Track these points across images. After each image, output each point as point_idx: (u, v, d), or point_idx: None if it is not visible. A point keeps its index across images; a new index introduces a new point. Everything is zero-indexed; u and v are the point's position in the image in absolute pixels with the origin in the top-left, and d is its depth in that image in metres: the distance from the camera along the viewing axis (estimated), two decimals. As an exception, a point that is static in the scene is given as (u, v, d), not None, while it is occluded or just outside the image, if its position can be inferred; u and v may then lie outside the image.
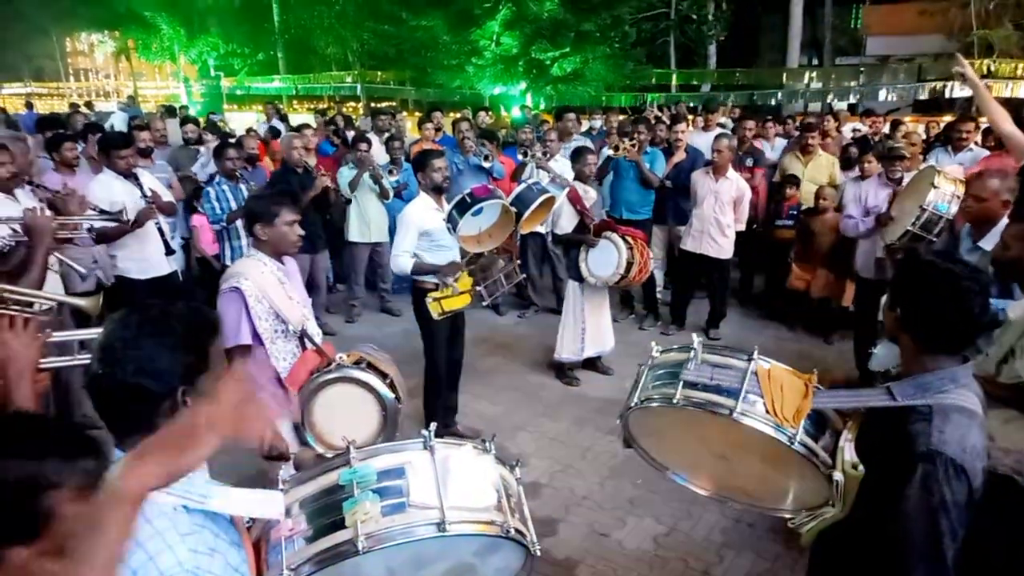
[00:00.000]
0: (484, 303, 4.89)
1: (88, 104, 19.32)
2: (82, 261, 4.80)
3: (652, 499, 3.98)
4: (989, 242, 3.36)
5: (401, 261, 4.21)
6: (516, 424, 4.91)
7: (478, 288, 4.37)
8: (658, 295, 6.77)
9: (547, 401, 5.28)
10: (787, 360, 1.99)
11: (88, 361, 2.07)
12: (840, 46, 22.39)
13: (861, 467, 1.81)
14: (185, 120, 5.79)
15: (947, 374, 1.73)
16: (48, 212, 3.43)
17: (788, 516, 2.13)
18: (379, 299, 7.19)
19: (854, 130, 8.96)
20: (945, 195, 4.11)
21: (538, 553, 1.72)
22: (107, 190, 4.66)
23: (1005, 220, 3.36)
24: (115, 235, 4.67)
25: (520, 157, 6.55)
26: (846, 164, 6.76)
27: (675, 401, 1.92)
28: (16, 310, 2.63)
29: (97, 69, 42.30)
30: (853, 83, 16.25)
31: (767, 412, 1.82)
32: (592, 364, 5.61)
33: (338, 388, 2.88)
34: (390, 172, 6.75)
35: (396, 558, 1.63)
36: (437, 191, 4.31)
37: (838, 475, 1.83)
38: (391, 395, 2.87)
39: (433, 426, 1.72)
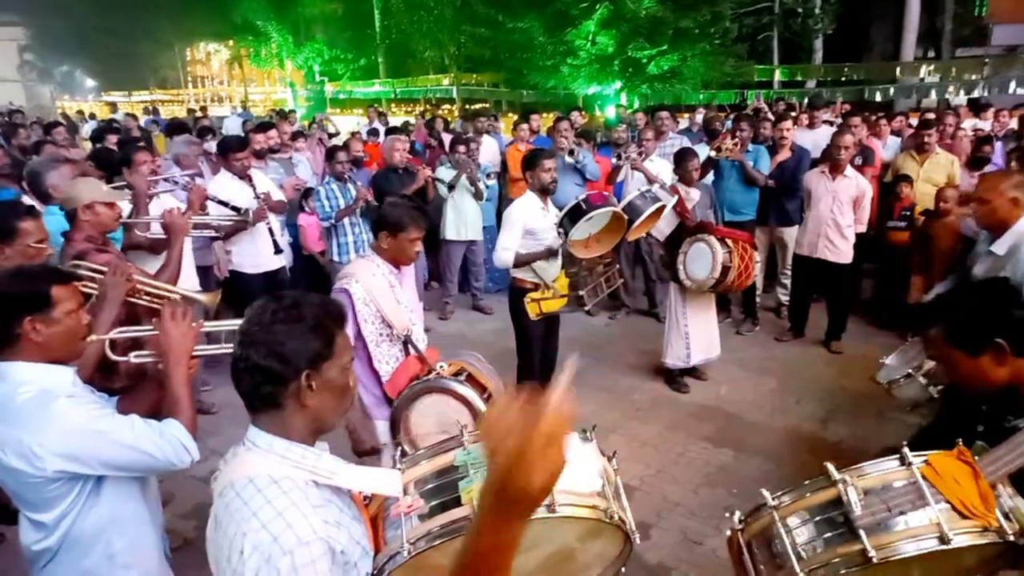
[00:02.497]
0: (585, 308, 4.85)
1: (203, 109, 20.66)
2: (205, 258, 5.23)
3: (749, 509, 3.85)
4: (1002, 246, 3.20)
5: (505, 256, 4.26)
6: (607, 426, 4.87)
7: (579, 292, 4.36)
8: (757, 299, 6.54)
9: (639, 404, 5.21)
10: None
11: (231, 349, 2.28)
12: (962, 36, 20.84)
13: None
14: (333, 150, 6.14)
15: None
16: (185, 212, 3.72)
17: None
18: (471, 297, 7.32)
19: (975, 128, 8.33)
20: None
21: (637, 540, 1.76)
22: (223, 190, 4.97)
23: (1022, 223, 3.19)
24: (231, 232, 4.98)
25: (614, 160, 6.49)
26: (977, 164, 6.28)
27: (874, 559, 1.48)
28: (147, 301, 2.87)
29: (213, 76, 45.15)
30: (976, 76, 15.11)
31: (963, 517, 1.51)
32: (688, 369, 5.48)
33: (435, 398, 2.89)
34: (488, 175, 6.87)
35: None
36: (544, 192, 4.33)
37: None
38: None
39: (593, 427, 1.77)
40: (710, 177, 6.23)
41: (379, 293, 3.01)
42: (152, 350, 2.09)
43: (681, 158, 5.38)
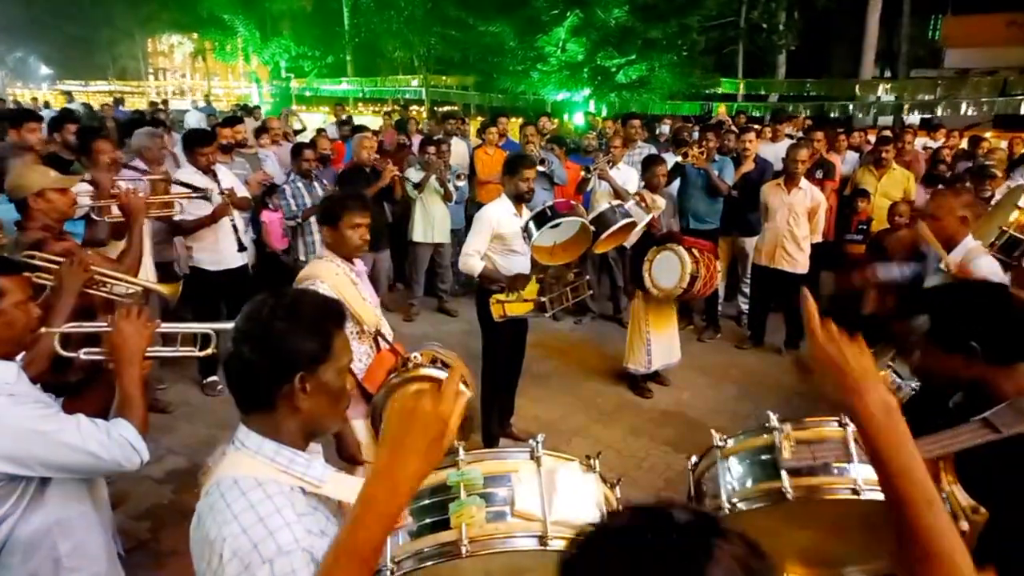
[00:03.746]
0: (547, 314, 4.88)
1: (164, 102, 20.19)
2: (165, 253, 5.10)
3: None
4: (952, 261, 3.32)
5: (471, 261, 4.24)
6: (571, 429, 4.90)
7: (543, 298, 4.37)
8: (719, 307, 6.65)
9: (602, 408, 5.25)
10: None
11: (187, 354, 2.23)
12: (917, 57, 21.56)
13: (982, 510, 1.67)
14: (300, 147, 6.04)
15: None
16: (141, 193, 3.61)
17: None
18: (437, 299, 7.29)
19: (925, 147, 8.62)
20: None
21: None
22: (188, 182, 4.85)
23: (969, 239, 3.33)
24: (192, 228, 4.88)
25: (583, 173, 6.56)
26: (932, 180, 6.50)
27: (789, 496, 1.67)
28: (106, 293, 2.79)
29: (175, 69, 44.21)
30: (929, 96, 15.63)
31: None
32: (651, 374, 5.54)
33: (415, 387, 2.86)
34: (458, 176, 6.85)
35: (493, 562, 1.64)
36: (518, 199, 4.33)
37: (964, 524, 1.66)
38: (468, 393, 2.88)
39: (541, 437, 1.72)
40: (675, 186, 6.33)
41: (344, 290, 3.00)
42: (104, 347, 2.03)
43: (649, 163, 5.47)
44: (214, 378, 5.33)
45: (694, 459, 1.97)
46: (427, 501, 1.63)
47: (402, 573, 1.53)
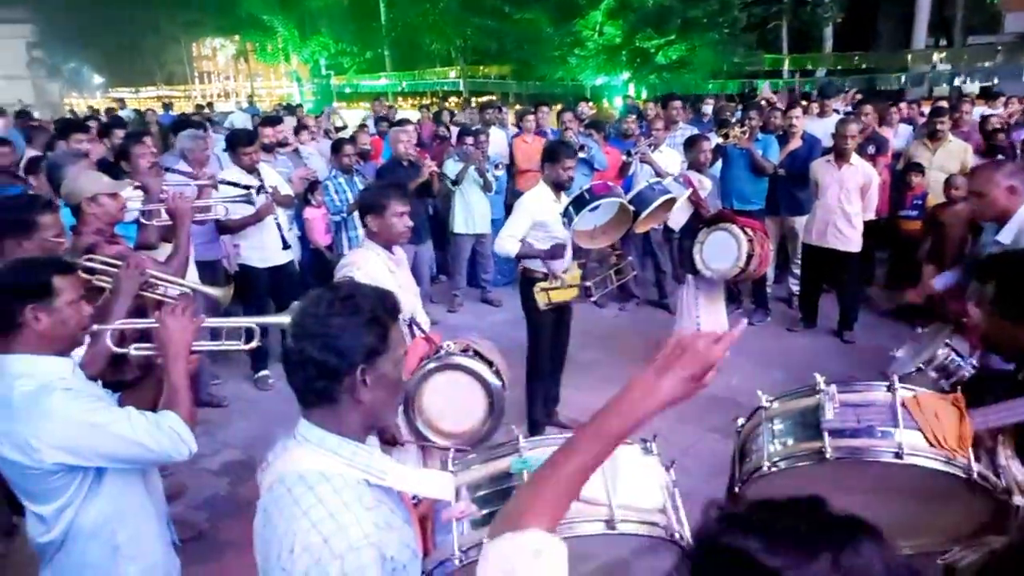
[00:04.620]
0: (592, 298, 4.86)
1: (209, 105, 20.69)
2: (212, 251, 5.22)
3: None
4: (1007, 235, 3.17)
5: (507, 244, 4.23)
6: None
7: (586, 283, 4.33)
8: (768, 289, 6.50)
9: (649, 395, 5.18)
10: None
11: (232, 347, 2.29)
12: (973, 25, 20.61)
13: None
14: (340, 143, 6.14)
15: None
16: (187, 196, 3.71)
17: (937, 552, 1.88)
18: (480, 290, 7.31)
19: (982, 116, 8.24)
20: None
21: None
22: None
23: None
24: (238, 226, 4.98)
25: (624, 157, 6.47)
26: (991, 151, 6.21)
27: (828, 456, 1.66)
28: (160, 295, 2.87)
29: (219, 71, 45.24)
30: (988, 64, 14.95)
31: (931, 445, 1.62)
32: (698, 359, 5.44)
33: (446, 375, 2.92)
34: (496, 167, 6.84)
35: None
36: (558, 187, 4.31)
37: (1019, 499, 1.62)
38: (498, 382, 2.90)
39: None
40: (718, 167, 6.19)
41: (381, 278, 3.04)
42: (153, 343, 2.10)
43: (692, 143, 5.37)
44: (266, 372, 5.45)
45: (741, 421, 1.99)
46: (491, 489, 1.64)
47: (470, 562, 1.54)
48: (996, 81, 13.99)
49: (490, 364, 2.96)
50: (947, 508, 1.77)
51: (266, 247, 5.24)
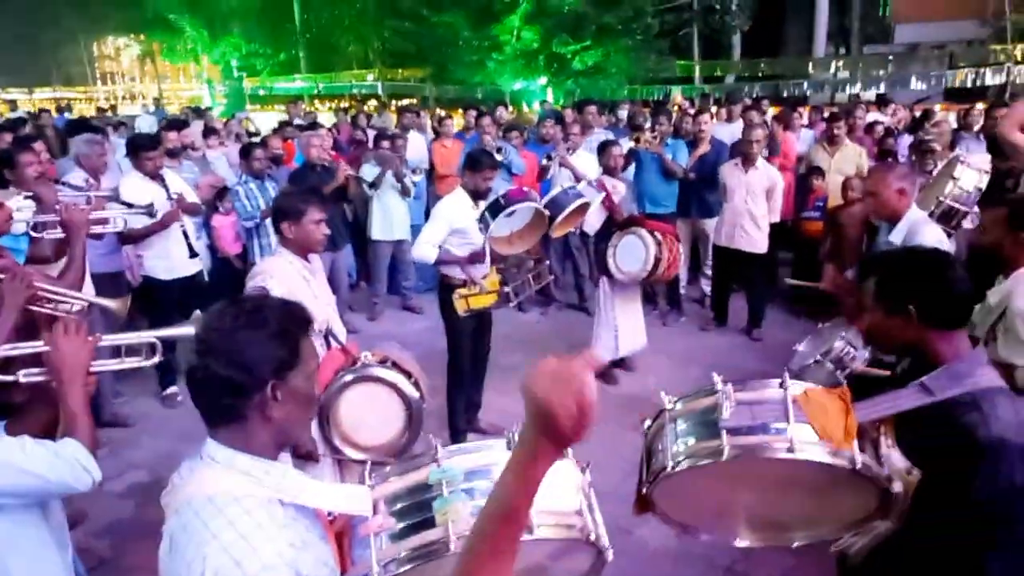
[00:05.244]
0: (512, 304, 4.89)
1: (113, 108, 19.65)
2: (114, 263, 4.95)
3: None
4: (898, 235, 3.39)
5: (425, 250, 4.21)
6: (513, 430, 4.89)
7: (505, 288, 4.36)
8: (681, 290, 6.71)
9: (570, 397, 5.25)
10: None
11: (134, 364, 2.16)
12: (868, 34, 21.97)
13: (916, 471, 1.72)
14: (250, 148, 5.91)
15: (974, 358, 1.77)
16: (83, 207, 3.50)
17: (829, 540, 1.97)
18: (401, 297, 7.23)
19: (870, 122, 8.79)
20: (966, 186, 4.04)
21: (610, 558, 1.70)
22: (134, 190, 4.71)
23: (913, 211, 3.41)
24: (141, 236, 4.75)
25: (544, 160, 6.55)
26: (883, 156, 6.62)
27: (726, 455, 1.72)
28: (51, 309, 2.70)
29: (123, 73, 43.05)
30: (882, 72, 15.95)
31: (819, 439, 1.70)
32: (616, 361, 5.57)
33: (363, 387, 2.86)
34: (414, 171, 6.78)
35: None
36: (476, 195, 4.31)
37: (897, 486, 1.72)
38: (416, 394, 2.86)
39: (517, 426, 1.71)
40: (631, 171, 6.36)
41: (296, 287, 2.98)
42: (44, 367, 1.94)
43: (603, 148, 5.49)
44: (174, 389, 5.21)
45: (648, 422, 2.03)
46: (408, 501, 1.61)
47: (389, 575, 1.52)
48: (884, 89, 14.93)
49: (408, 375, 2.91)
50: (838, 498, 1.86)
51: (172, 257, 5.02)
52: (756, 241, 5.98)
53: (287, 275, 3.03)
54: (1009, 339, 2.74)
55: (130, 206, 4.17)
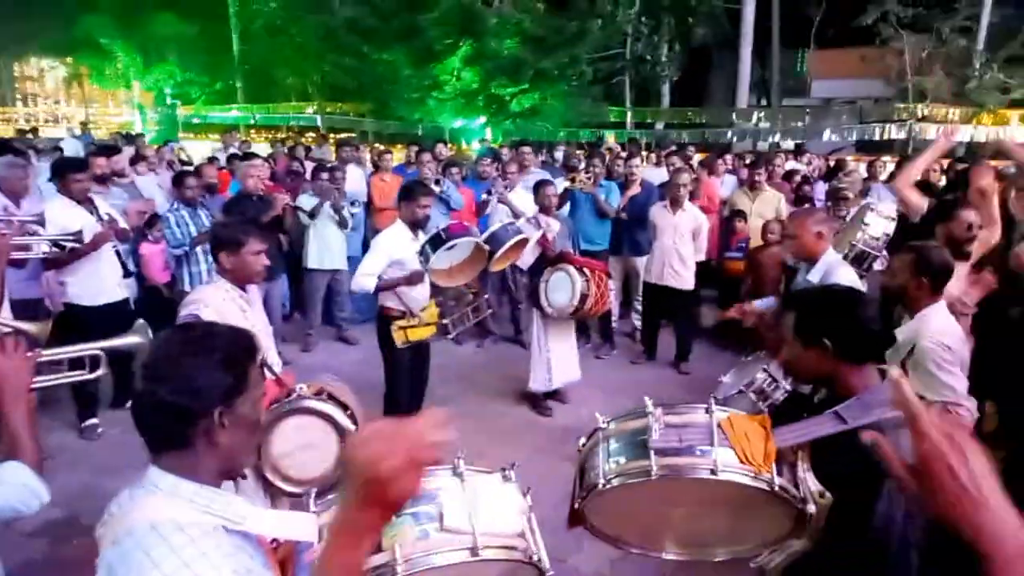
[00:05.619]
0: (449, 336, 4.95)
1: (34, 131, 18.85)
2: (32, 289, 4.76)
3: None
4: (816, 275, 3.63)
5: (365, 281, 4.24)
6: (475, 451, 4.85)
7: (444, 320, 4.41)
8: (614, 324, 6.90)
9: (505, 429, 5.31)
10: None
11: (78, 378, 2.09)
12: (787, 88, 23.37)
13: (828, 495, 1.83)
14: (182, 175, 5.82)
15: (883, 389, 1.89)
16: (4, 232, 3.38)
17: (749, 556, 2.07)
18: (336, 328, 7.16)
19: (788, 170, 9.35)
20: (877, 231, 4.38)
21: None
22: (59, 214, 4.57)
23: (829, 253, 3.67)
24: (67, 261, 4.59)
25: (484, 195, 6.69)
26: (799, 201, 7.04)
27: (653, 474, 1.81)
28: (-35, 335, 2.59)
29: (47, 94, 41.36)
30: (799, 123, 16.98)
31: (741, 463, 1.80)
32: (551, 392, 5.67)
33: (297, 419, 2.83)
34: (352, 203, 6.80)
35: None
36: (414, 225, 4.36)
37: (811, 507, 1.82)
38: (351, 426, 2.85)
39: (463, 453, 1.75)
40: (566, 209, 6.57)
41: (231, 318, 2.93)
42: None
43: (538, 187, 5.65)
44: (94, 421, 5.00)
45: (582, 440, 2.10)
46: None
47: None
48: (801, 139, 15.89)
49: (345, 408, 2.90)
50: (757, 517, 1.98)
51: (101, 280, 4.85)
52: (684, 279, 6.26)
53: (222, 304, 2.99)
54: (919, 373, 2.94)
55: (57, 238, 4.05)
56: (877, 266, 4.52)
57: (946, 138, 4.55)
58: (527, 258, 5.36)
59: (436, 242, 4.08)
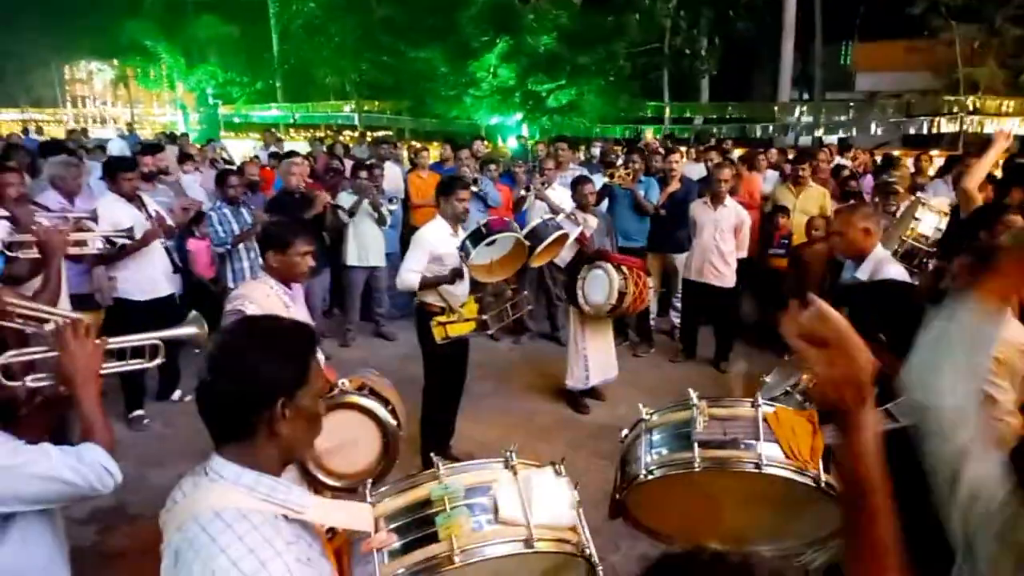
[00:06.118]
0: (489, 331, 4.93)
1: (84, 131, 19.41)
2: (84, 284, 4.90)
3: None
4: (864, 272, 3.53)
5: (409, 277, 4.25)
6: (511, 449, 4.92)
7: (483, 316, 4.40)
8: (651, 322, 6.83)
9: (541, 426, 5.29)
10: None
11: (140, 366, 2.15)
12: (830, 81, 22.85)
13: None
14: (225, 174, 5.95)
15: None
16: (62, 227, 3.49)
17: (793, 554, 2.05)
18: (374, 324, 7.23)
19: (835, 166, 9.12)
20: (928, 227, 4.24)
21: (601, 574, 1.75)
22: (110, 212, 4.69)
23: (878, 250, 3.56)
24: (118, 256, 4.71)
25: (522, 192, 6.69)
26: (845, 197, 6.87)
27: (696, 466, 1.82)
28: (20, 324, 2.68)
29: (95, 96, 42.58)
30: (843, 117, 16.58)
31: (787, 457, 1.79)
32: (588, 390, 5.63)
33: (340, 414, 2.83)
34: (390, 200, 6.85)
35: (482, 570, 1.67)
36: (455, 220, 4.37)
37: None
38: (393, 421, 2.86)
39: (515, 446, 1.76)
40: (604, 205, 6.51)
41: (275, 313, 2.96)
42: (53, 372, 1.92)
43: (576, 184, 5.61)
44: (140, 412, 5.14)
45: (624, 432, 2.12)
46: (410, 518, 1.65)
47: None
48: (853, 133, 15.53)
49: (386, 403, 2.91)
50: (802, 514, 1.94)
51: (148, 279, 4.98)
52: (725, 276, 6.15)
53: (266, 300, 3.03)
54: None
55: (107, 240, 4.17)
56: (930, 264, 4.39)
57: (1004, 137, 4.38)
58: (565, 255, 5.32)
59: (477, 237, 4.07)
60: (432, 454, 1.87)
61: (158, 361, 2.18)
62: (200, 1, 24.83)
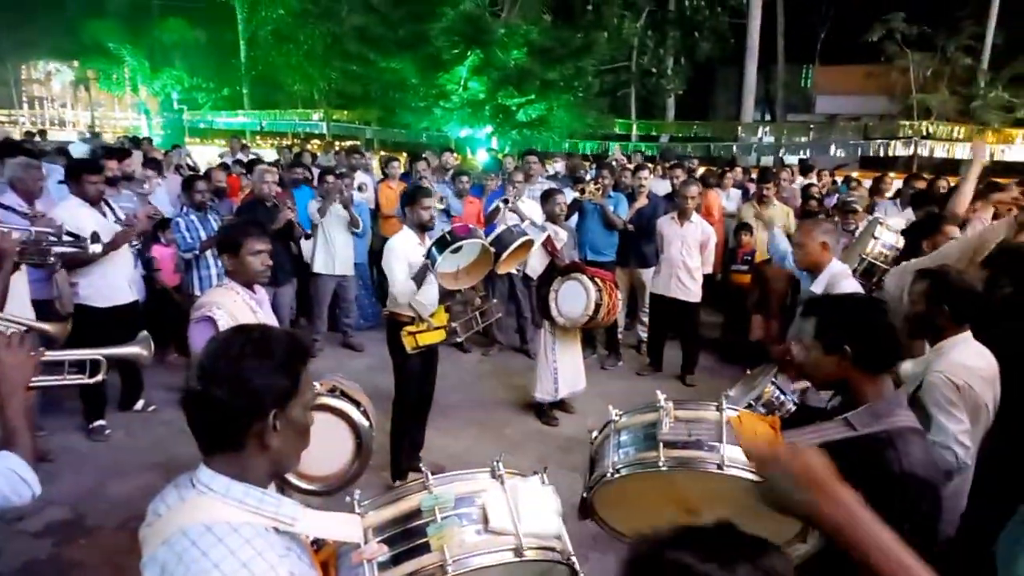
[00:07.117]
0: (458, 339, 4.93)
1: (42, 133, 18.91)
2: (44, 290, 4.78)
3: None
4: (819, 286, 3.64)
5: (406, 286, 4.17)
6: (480, 461, 4.88)
7: (452, 324, 4.40)
8: (619, 336, 6.91)
9: (511, 438, 5.31)
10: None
11: (76, 381, 2.12)
12: (791, 103, 23.50)
13: None
14: (192, 180, 5.86)
15: (894, 399, 1.92)
16: (15, 235, 3.39)
17: None
18: (342, 334, 7.17)
19: (804, 185, 9.37)
20: (886, 246, 4.40)
21: None
22: (73, 216, 4.60)
23: (834, 264, 3.68)
24: (82, 262, 4.59)
25: (499, 203, 6.73)
26: (807, 215, 7.05)
27: (661, 465, 1.86)
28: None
29: (53, 98, 41.47)
30: (804, 139, 17.05)
31: (748, 459, 1.79)
32: (557, 402, 5.67)
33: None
34: (359, 188, 6.85)
35: None
36: (421, 228, 4.38)
37: None
38: (366, 422, 2.86)
39: (502, 456, 1.78)
40: (574, 220, 6.59)
41: (243, 319, 2.94)
42: None
43: (547, 196, 5.66)
44: (101, 422, 5.01)
45: (594, 433, 2.16)
46: (400, 528, 1.64)
47: None
48: (809, 153, 15.96)
49: (358, 404, 2.90)
50: (762, 518, 2.00)
51: (111, 284, 4.87)
52: (691, 291, 6.27)
53: (233, 306, 2.99)
54: (920, 411, 2.81)
55: (76, 237, 4.07)
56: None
57: (978, 153, 4.60)
58: (535, 264, 5.36)
59: (442, 244, 4.07)
60: (421, 465, 1.89)
61: (99, 378, 2.14)
62: (166, 4, 24.44)
